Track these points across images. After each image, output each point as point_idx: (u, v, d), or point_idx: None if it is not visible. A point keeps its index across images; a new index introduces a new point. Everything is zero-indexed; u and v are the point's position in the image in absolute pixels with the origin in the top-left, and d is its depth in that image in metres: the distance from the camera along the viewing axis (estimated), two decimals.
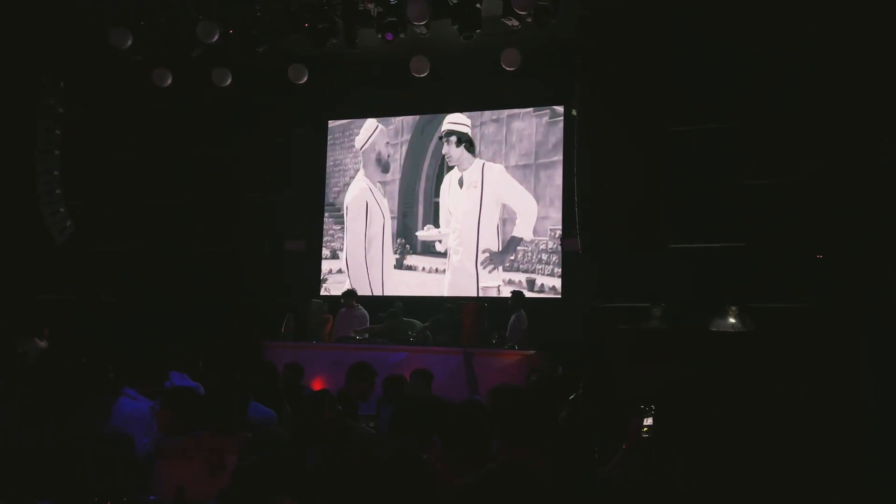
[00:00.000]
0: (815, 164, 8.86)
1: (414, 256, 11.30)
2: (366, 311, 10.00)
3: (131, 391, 4.23)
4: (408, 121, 11.64)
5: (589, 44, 7.11)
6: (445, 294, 10.87)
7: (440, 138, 11.27)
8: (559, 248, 10.40)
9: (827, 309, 8.56)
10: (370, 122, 11.76)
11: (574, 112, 8.74)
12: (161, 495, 3.09)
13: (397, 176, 11.60)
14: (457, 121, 11.25)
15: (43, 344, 10.08)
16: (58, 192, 9.47)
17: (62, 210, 9.53)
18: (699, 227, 9.55)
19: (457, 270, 11.01)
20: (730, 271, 9.40)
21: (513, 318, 9.17)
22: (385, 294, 11.20)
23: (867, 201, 7.53)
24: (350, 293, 10.09)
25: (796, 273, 9.07)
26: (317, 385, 8.36)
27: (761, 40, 9.24)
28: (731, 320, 8.88)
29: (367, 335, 9.53)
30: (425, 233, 11.27)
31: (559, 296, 10.45)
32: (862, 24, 7.69)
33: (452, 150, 11.12)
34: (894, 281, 7.10)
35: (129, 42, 8.75)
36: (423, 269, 11.23)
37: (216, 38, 8.66)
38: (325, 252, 11.85)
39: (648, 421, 3.30)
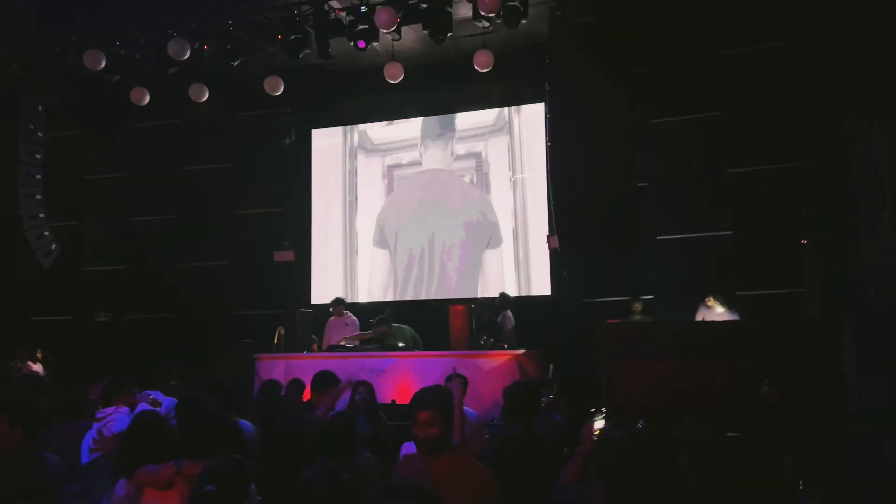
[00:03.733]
0: (799, 152, 8.87)
1: None
2: (356, 318, 10.01)
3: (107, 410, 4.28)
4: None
5: (557, 40, 7.08)
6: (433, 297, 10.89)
7: None
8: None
9: (813, 294, 8.56)
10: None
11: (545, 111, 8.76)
12: None
13: None
14: None
15: (37, 367, 10.16)
16: (41, 215, 9.50)
17: (47, 234, 9.56)
18: (686, 218, 9.57)
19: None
20: (717, 260, 9.42)
21: (499, 318, 9.16)
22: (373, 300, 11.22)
23: (850, 187, 7.50)
24: (339, 301, 10.09)
25: (783, 260, 9.07)
26: (307, 396, 8.37)
27: (744, 30, 9.25)
28: (720, 309, 8.88)
29: (357, 342, 9.53)
30: None
31: (548, 293, 10.45)
32: (842, 13, 7.65)
33: None
34: (876, 266, 7.07)
35: (103, 63, 8.78)
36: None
37: (188, 55, 8.68)
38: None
39: (600, 424, 3.30)
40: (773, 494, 4.68)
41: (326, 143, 12.07)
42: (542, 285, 10.55)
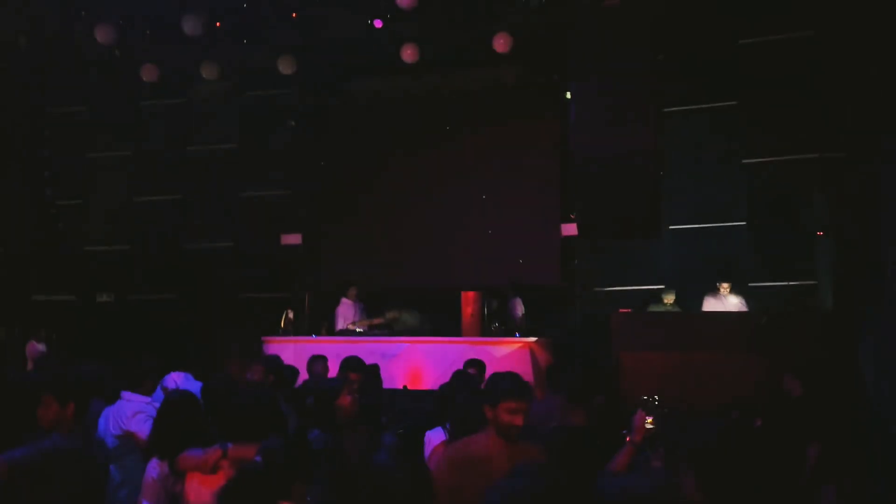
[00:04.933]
0: (817, 144, 8.82)
1: None
2: (362, 303, 9.94)
3: (127, 394, 4.17)
4: None
5: (582, 25, 6.98)
6: None
7: None
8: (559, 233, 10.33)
9: (826, 287, 8.54)
10: None
11: (568, 94, 8.65)
12: None
13: None
14: None
15: (41, 346, 10.05)
16: (48, 192, 9.37)
17: (53, 211, 9.43)
18: (699, 208, 9.53)
19: None
20: (730, 250, 9.38)
21: (509, 305, 9.11)
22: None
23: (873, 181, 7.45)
24: (348, 285, 10.00)
25: (796, 252, 9.04)
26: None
27: (763, 19, 9.18)
28: (734, 299, 8.85)
29: (366, 327, 9.47)
30: None
31: (559, 282, 10.39)
32: (862, 6, 7.57)
33: None
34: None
35: (114, 38, 8.63)
36: None
37: (202, 31, 8.53)
38: None
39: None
40: (796, 485, 4.67)
41: (335, 125, 11.91)
42: (552, 273, 10.47)
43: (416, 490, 2.02)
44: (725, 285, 8.79)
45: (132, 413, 4.04)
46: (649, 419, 2.97)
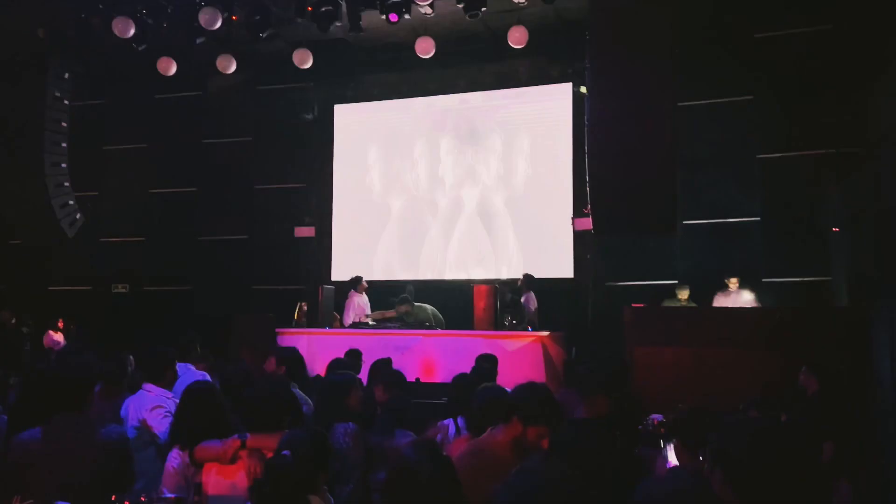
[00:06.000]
0: (833, 139, 8.77)
1: None
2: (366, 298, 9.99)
3: (149, 386, 4.22)
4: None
5: (599, 18, 6.95)
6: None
7: None
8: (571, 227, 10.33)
9: (841, 283, 8.50)
10: None
11: (583, 89, 8.64)
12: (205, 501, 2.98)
13: None
14: None
15: (58, 336, 10.16)
16: (66, 184, 9.44)
17: (72, 203, 9.51)
18: (713, 203, 9.49)
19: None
20: (744, 246, 9.35)
21: (522, 299, 9.12)
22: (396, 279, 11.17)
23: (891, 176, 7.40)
24: (358, 278, 10.04)
25: (810, 247, 8.99)
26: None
27: (776, 14, 9.12)
28: (747, 296, 8.83)
29: (379, 320, 9.51)
30: None
31: (571, 276, 10.39)
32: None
33: None
34: None
35: (132, 31, 8.69)
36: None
37: (219, 24, 8.56)
38: None
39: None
40: (819, 483, 4.65)
41: (349, 118, 11.95)
42: (564, 267, 10.48)
43: (445, 481, 2.05)
44: (734, 280, 8.77)
45: (151, 406, 4.09)
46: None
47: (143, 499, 2.72)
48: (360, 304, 9.90)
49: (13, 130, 9.28)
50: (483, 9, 8.10)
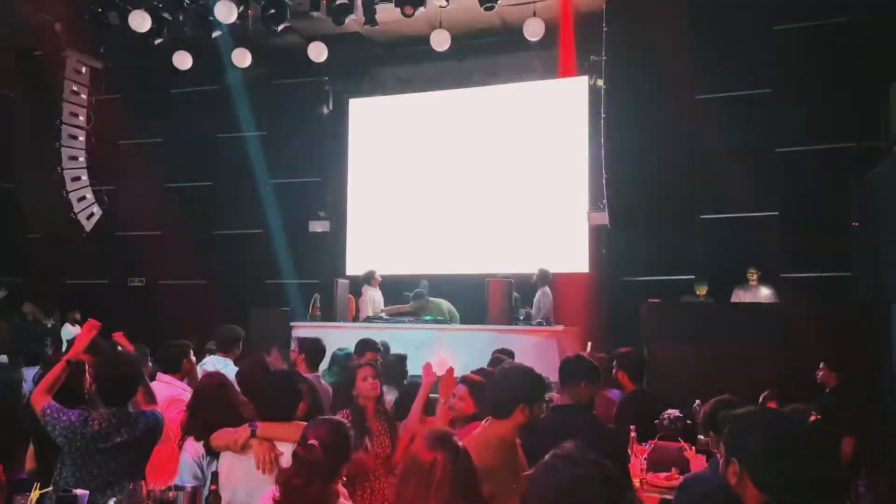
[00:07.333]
0: (852, 133, 8.66)
1: None
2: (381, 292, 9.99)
3: (165, 377, 4.24)
4: None
5: (616, 10, 6.90)
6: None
7: None
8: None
9: (861, 278, 8.39)
10: None
11: (601, 82, 8.56)
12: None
13: None
14: None
15: (76, 329, 10.23)
16: (83, 178, 9.50)
17: (88, 196, 9.57)
18: (730, 198, 9.39)
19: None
20: (761, 241, 9.25)
21: (538, 294, 9.07)
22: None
23: None
24: (371, 273, 10.04)
25: (829, 242, 8.88)
26: None
27: (794, 6, 9.01)
28: (765, 291, 8.75)
29: (394, 315, 9.50)
30: None
31: (586, 271, 10.34)
32: None
33: None
34: None
35: (149, 25, 8.72)
36: None
37: (235, 18, 8.58)
38: None
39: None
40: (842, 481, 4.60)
41: (364, 112, 11.94)
42: (580, 262, 10.42)
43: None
44: (753, 271, 8.71)
45: (166, 399, 4.10)
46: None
47: (159, 488, 2.75)
48: (374, 298, 9.90)
49: (30, 125, 9.36)
50: (498, 1, 8.05)
